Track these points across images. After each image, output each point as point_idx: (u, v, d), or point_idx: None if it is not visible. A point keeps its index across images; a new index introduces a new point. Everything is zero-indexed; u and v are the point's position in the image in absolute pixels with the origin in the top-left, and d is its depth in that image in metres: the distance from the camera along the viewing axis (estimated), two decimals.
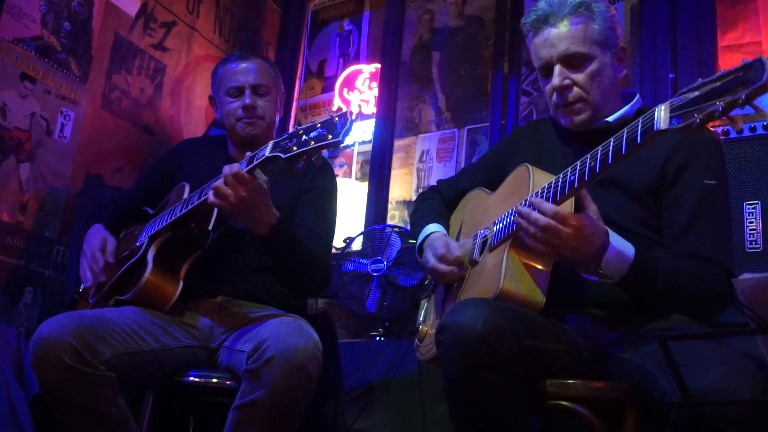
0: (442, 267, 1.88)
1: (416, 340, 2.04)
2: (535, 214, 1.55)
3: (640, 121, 1.38)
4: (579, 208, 1.59)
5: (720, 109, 1.21)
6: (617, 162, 1.43)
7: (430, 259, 1.92)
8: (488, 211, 1.92)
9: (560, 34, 1.79)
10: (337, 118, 1.75)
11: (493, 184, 2.02)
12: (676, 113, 1.29)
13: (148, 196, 2.45)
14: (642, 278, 1.56)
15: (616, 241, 1.56)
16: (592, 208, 1.55)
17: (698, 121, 1.24)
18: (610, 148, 1.44)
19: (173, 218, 2.12)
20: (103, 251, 2.25)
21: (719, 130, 2.43)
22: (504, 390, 1.46)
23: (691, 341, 1.40)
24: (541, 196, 1.62)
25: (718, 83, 1.23)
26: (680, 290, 1.58)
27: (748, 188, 2.34)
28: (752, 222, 2.31)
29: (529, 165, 1.80)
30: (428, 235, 2.04)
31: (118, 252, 2.29)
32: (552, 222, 1.52)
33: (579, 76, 1.80)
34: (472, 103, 4.21)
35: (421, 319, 2.10)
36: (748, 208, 2.32)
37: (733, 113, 1.22)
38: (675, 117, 1.29)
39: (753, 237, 2.30)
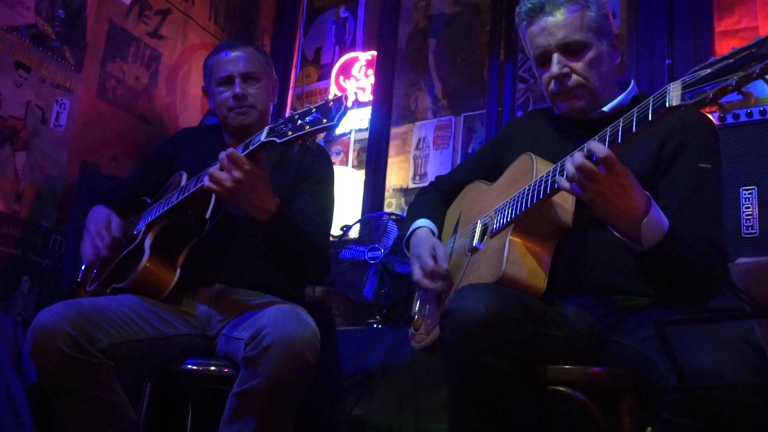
0: (427, 282, 1.87)
1: (411, 330, 2.05)
2: (578, 155, 1.49)
3: (651, 99, 1.38)
4: None
5: (734, 83, 1.22)
6: (627, 141, 1.43)
7: (416, 272, 1.90)
8: (489, 200, 1.93)
9: (557, 22, 1.79)
10: (332, 103, 1.75)
11: (490, 177, 2.02)
12: (688, 89, 1.29)
13: (146, 185, 2.45)
14: (670, 250, 1.52)
15: (656, 206, 1.54)
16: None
17: (711, 96, 1.25)
18: (620, 127, 1.44)
19: (170, 206, 2.12)
20: (108, 228, 2.23)
21: (715, 116, 2.43)
22: (505, 374, 1.47)
23: (687, 324, 1.41)
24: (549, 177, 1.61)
25: (731, 60, 1.24)
26: (692, 267, 1.56)
27: (745, 174, 2.34)
28: (748, 207, 2.32)
29: (532, 154, 1.80)
30: (414, 231, 2.05)
31: (126, 230, 2.28)
32: (588, 163, 1.45)
33: (578, 64, 1.79)
34: (469, 91, 4.20)
35: (415, 309, 2.10)
36: (745, 194, 2.33)
37: (745, 89, 1.22)
38: (687, 92, 1.29)
39: (749, 222, 2.31)
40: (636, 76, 3.38)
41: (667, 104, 1.33)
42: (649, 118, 1.37)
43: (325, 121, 1.74)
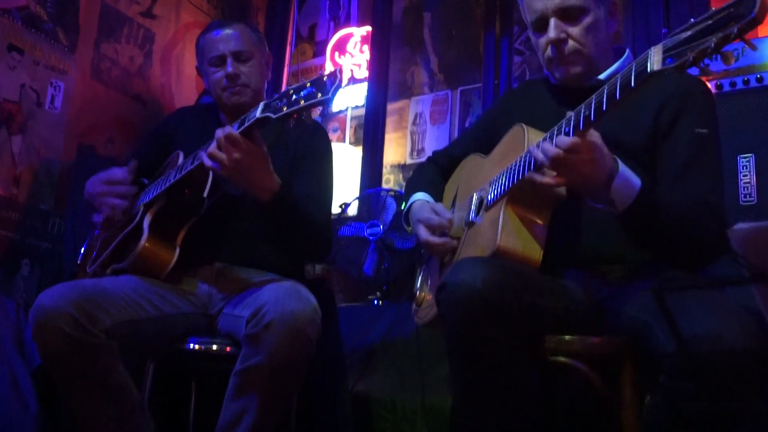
0: (434, 239, 1.89)
1: (414, 305, 2.05)
2: (546, 144, 1.53)
3: (634, 64, 1.37)
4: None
5: (713, 45, 1.21)
6: (612, 108, 1.42)
7: (422, 233, 1.92)
8: (484, 173, 1.92)
9: None
10: (326, 77, 1.74)
11: (487, 150, 2.01)
12: (669, 53, 1.29)
13: (143, 166, 2.44)
14: (645, 210, 1.54)
15: (624, 168, 1.55)
16: (595, 134, 1.53)
17: (691, 59, 1.24)
18: (605, 94, 1.44)
19: (167, 185, 2.11)
20: (113, 181, 2.22)
21: (713, 83, 2.42)
22: (504, 346, 1.47)
23: (686, 291, 1.42)
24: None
25: (710, 21, 1.24)
26: (679, 229, 1.58)
27: (742, 141, 2.34)
28: (746, 175, 2.32)
29: (523, 125, 1.80)
30: (412, 204, 2.05)
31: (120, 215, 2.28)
32: (561, 153, 1.49)
33: (575, 30, 1.78)
34: (465, 65, 4.18)
35: (417, 285, 2.11)
36: (742, 162, 2.32)
37: (725, 49, 1.22)
38: (668, 57, 1.29)
39: (747, 190, 2.31)
40: (632, 45, 3.36)
41: (648, 69, 1.33)
42: (632, 85, 1.37)
43: (320, 95, 1.73)
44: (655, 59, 1.32)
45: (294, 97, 1.76)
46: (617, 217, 1.57)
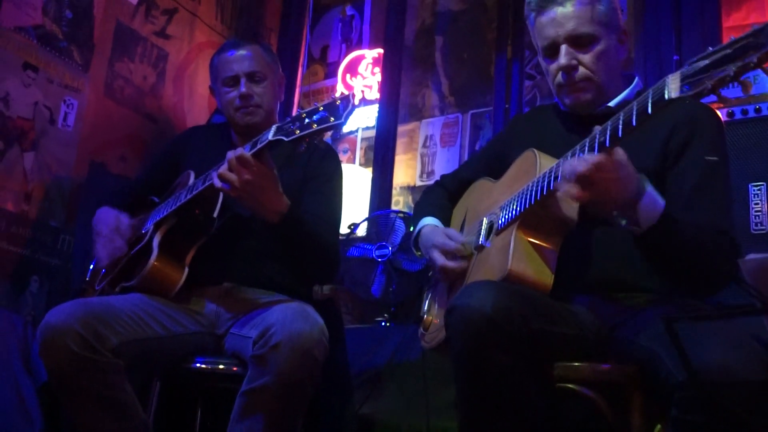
0: (451, 264, 1.88)
1: (420, 329, 2.04)
2: (570, 163, 1.50)
3: (651, 91, 1.37)
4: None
5: (732, 73, 1.21)
6: (627, 134, 1.42)
7: (438, 258, 1.90)
8: (494, 197, 1.92)
9: (567, 14, 1.78)
10: (339, 101, 1.75)
11: (495, 174, 2.01)
12: (687, 81, 1.29)
13: (154, 185, 2.45)
14: (668, 231, 1.51)
15: (651, 187, 1.53)
16: (620, 152, 1.50)
17: (710, 86, 1.24)
18: (620, 121, 1.43)
19: (178, 205, 2.12)
20: (117, 230, 2.24)
21: (724, 111, 2.42)
22: (512, 371, 1.46)
23: (697, 321, 1.40)
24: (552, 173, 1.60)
25: (729, 50, 1.23)
26: (695, 254, 1.56)
27: (754, 169, 2.33)
28: (758, 204, 2.31)
29: (535, 150, 1.80)
30: (421, 229, 2.05)
31: (135, 229, 2.29)
32: (584, 170, 1.45)
33: (585, 57, 1.79)
34: (476, 88, 4.19)
35: (425, 308, 2.10)
36: (754, 190, 2.32)
37: (743, 78, 1.22)
38: (686, 84, 1.29)
39: (758, 219, 2.30)
40: (644, 72, 3.37)
41: (666, 96, 1.32)
42: (649, 111, 1.36)
43: (332, 119, 1.74)
44: (672, 86, 1.31)
45: (306, 120, 1.77)
46: (636, 237, 1.54)
